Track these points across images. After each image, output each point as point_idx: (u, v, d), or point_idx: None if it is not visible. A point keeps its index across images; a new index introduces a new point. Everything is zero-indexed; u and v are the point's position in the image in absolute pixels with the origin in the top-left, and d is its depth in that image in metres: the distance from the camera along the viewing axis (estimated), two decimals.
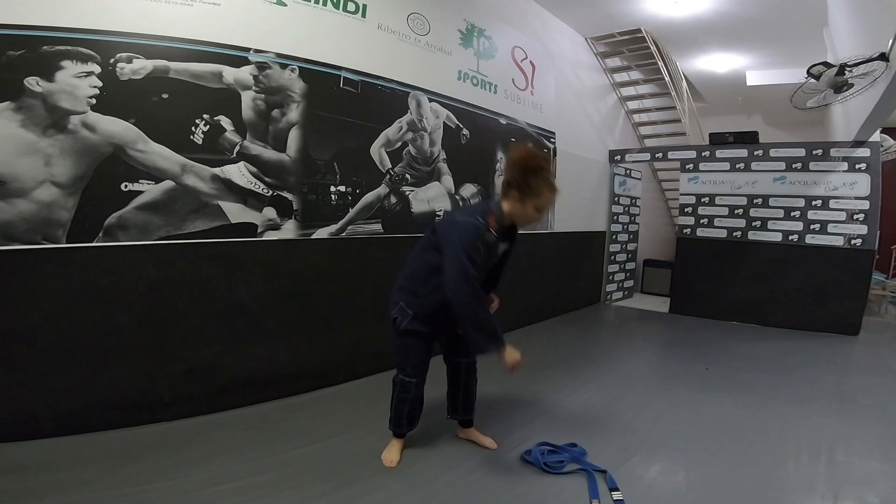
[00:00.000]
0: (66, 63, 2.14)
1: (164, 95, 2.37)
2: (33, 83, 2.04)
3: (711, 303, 5.43)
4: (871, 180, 4.63)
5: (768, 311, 5.12)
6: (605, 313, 5.86)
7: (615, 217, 6.40)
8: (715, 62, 6.39)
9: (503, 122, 4.40)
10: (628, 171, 6.62)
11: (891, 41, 2.51)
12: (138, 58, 2.30)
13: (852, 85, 2.99)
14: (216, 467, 2.00)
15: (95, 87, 2.21)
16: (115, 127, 2.24)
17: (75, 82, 2.16)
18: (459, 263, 1.75)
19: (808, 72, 3.13)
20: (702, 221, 5.53)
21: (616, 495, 1.87)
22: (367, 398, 2.82)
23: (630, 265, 6.87)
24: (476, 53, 4.12)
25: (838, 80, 2.97)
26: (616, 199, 6.38)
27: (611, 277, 6.44)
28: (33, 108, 2.04)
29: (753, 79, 6.54)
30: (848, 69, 2.91)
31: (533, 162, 1.83)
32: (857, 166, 4.70)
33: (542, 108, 4.98)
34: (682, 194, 5.72)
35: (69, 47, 2.15)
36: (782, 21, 4.94)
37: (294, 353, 2.80)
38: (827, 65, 3.04)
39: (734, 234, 5.35)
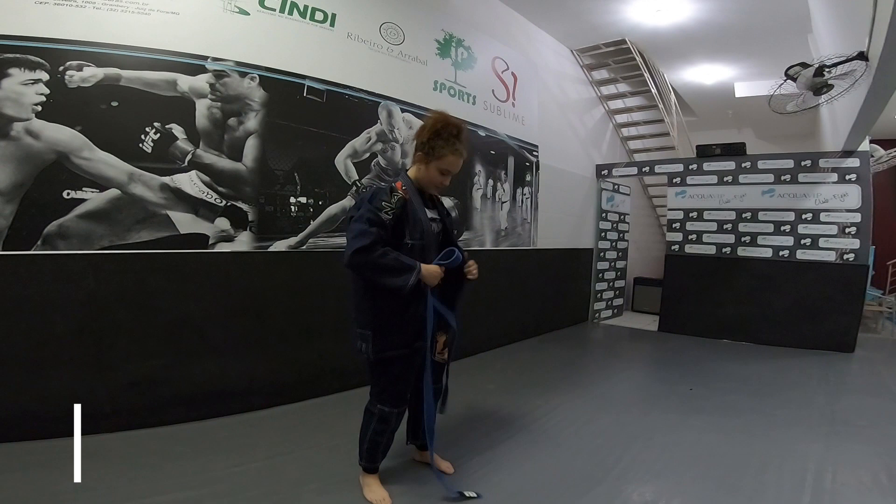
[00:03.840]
0: (13, 70, 2.12)
1: (114, 103, 2.33)
2: None
3: (701, 321, 5.26)
4: (862, 191, 4.51)
5: (760, 328, 4.95)
6: (592, 332, 5.70)
7: (603, 234, 6.26)
8: (702, 73, 6.34)
9: (482, 134, 4.32)
10: (616, 187, 6.50)
11: (867, 39, 2.42)
12: (89, 66, 2.28)
13: (832, 86, 2.88)
14: (142, 480, 1.93)
15: (42, 94, 2.18)
16: (60, 134, 2.21)
17: (21, 89, 2.14)
18: (354, 226, 1.68)
19: (785, 73, 3.03)
20: (690, 237, 5.40)
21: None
22: (322, 417, 2.69)
23: (619, 283, 6.70)
24: (454, 64, 4.06)
25: (817, 81, 2.87)
26: (604, 215, 6.25)
27: (599, 295, 6.28)
28: None
29: (742, 90, 6.49)
30: (827, 70, 2.81)
31: (440, 126, 1.78)
32: (847, 177, 4.58)
33: (525, 121, 4.90)
34: (669, 209, 5.61)
35: (17, 55, 2.13)
36: (766, 29, 4.88)
37: (246, 370, 2.68)
38: (804, 65, 2.94)
39: (723, 250, 5.21)
